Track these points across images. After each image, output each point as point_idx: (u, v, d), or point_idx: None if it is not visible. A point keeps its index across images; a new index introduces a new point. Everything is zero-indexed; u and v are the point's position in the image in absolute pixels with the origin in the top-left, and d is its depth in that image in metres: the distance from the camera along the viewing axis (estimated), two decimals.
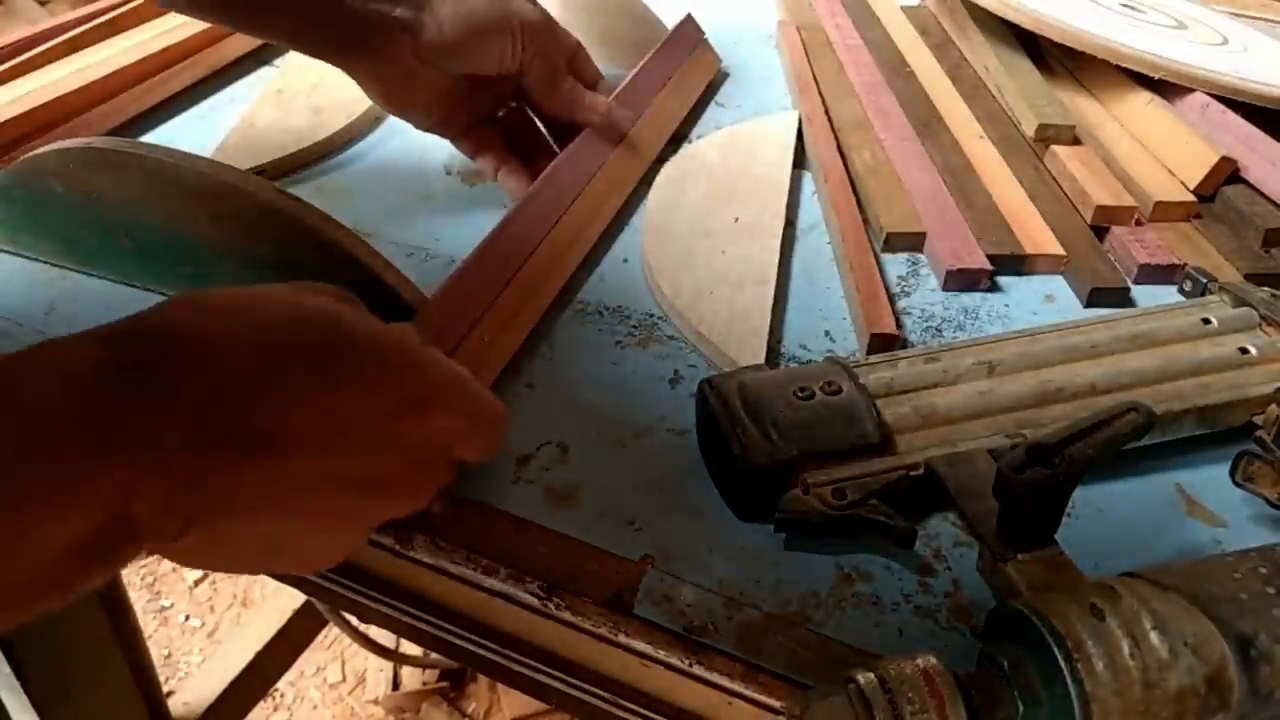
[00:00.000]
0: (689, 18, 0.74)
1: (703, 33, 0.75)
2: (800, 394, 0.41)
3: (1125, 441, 0.35)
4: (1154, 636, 0.30)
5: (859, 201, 0.60)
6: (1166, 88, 0.68)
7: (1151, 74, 0.67)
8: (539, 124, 0.61)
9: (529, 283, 0.50)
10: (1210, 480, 0.43)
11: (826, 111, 0.69)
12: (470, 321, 0.45)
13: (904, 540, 0.38)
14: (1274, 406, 0.44)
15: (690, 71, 0.72)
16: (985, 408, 0.43)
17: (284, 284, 0.33)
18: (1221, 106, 0.65)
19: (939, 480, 0.40)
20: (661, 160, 0.64)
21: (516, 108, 0.61)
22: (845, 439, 0.40)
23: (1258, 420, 0.44)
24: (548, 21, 0.57)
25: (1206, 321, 0.48)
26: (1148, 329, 0.47)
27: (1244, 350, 0.46)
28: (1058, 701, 0.29)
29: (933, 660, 0.30)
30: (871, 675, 0.30)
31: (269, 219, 0.44)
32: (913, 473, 0.39)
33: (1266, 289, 0.50)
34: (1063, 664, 0.29)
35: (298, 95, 0.67)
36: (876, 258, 0.55)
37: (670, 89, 0.68)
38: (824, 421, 0.40)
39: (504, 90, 0.59)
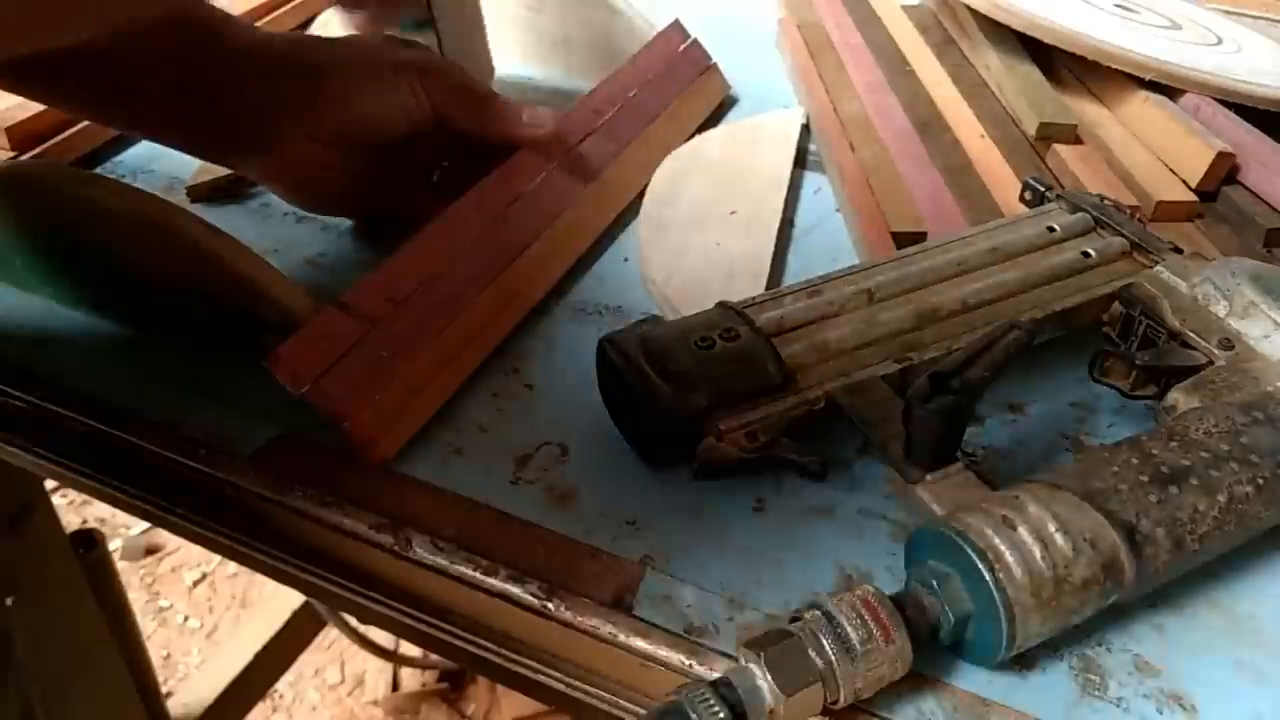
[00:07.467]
0: (695, 42, 0.70)
1: (710, 58, 0.71)
2: (701, 344, 0.42)
3: (1013, 359, 0.38)
4: (1059, 538, 0.33)
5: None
6: (1166, 85, 0.67)
7: (1141, 75, 0.66)
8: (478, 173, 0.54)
9: (457, 338, 0.46)
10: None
11: (835, 111, 0.68)
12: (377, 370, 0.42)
13: (816, 475, 0.41)
14: (1117, 305, 0.47)
15: (691, 99, 0.68)
16: (872, 335, 0.45)
17: None
18: (1214, 108, 0.65)
19: (841, 411, 0.42)
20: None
21: (449, 167, 0.57)
22: (751, 383, 0.41)
23: (1105, 318, 0.48)
24: (445, 62, 0.52)
25: (1051, 229, 0.51)
26: (1002, 241, 0.50)
27: (1085, 254, 0.50)
28: (984, 608, 0.33)
29: (869, 588, 0.33)
30: (817, 611, 0.32)
31: (194, 256, 0.43)
32: (815, 407, 0.41)
33: (1097, 194, 0.53)
34: (987, 576, 0.32)
35: None
36: None
37: (667, 116, 0.64)
38: (728, 368, 0.41)
39: (428, 151, 0.54)
